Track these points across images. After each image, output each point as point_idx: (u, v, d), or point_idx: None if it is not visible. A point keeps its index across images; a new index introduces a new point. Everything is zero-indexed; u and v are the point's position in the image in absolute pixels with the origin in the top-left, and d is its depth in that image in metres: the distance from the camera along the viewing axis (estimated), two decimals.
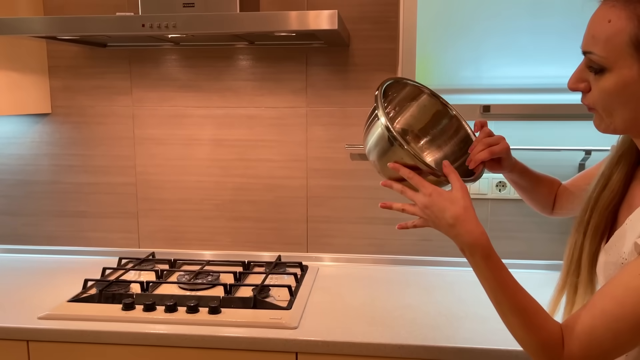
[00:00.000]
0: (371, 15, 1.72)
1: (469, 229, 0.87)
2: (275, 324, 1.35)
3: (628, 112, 0.78)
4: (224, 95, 1.82)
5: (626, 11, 0.73)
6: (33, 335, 1.36)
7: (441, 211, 0.90)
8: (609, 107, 0.79)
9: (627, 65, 0.74)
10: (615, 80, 0.76)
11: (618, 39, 0.74)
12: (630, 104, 0.77)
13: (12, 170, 1.93)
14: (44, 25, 1.40)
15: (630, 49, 0.73)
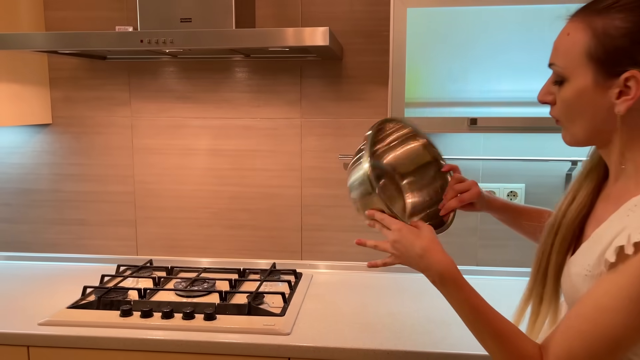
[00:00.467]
0: (363, 29, 1.77)
1: (438, 258, 0.92)
2: (268, 330, 1.39)
3: (586, 122, 0.81)
4: (220, 106, 1.87)
5: (582, 24, 0.79)
6: (33, 340, 1.40)
7: (410, 244, 0.95)
8: (570, 117, 0.83)
9: (582, 74, 0.79)
10: (572, 90, 0.80)
11: (575, 49, 0.79)
12: (587, 113, 0.81)
13: (13, 179, 1.97)
14: (46, 40, 1.45)
15: (585, 59, 0.78)
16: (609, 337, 0.75)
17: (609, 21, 0.76)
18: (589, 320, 0.76)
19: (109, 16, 1.85)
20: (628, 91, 0.76)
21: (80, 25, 1.87)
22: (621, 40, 0.75)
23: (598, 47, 0.77)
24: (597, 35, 0.77)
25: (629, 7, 0.75)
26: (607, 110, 0.79)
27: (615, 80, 0.77)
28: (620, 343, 0.75)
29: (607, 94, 0.78)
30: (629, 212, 0.77)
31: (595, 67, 0.78)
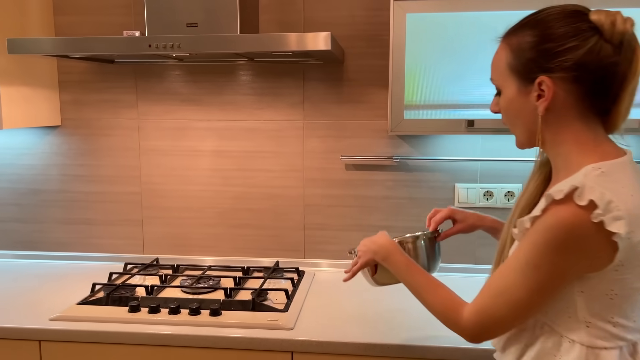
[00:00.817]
0: (364, 33, 1.82)
1: (383, 241, 1.19)
2: (272, 325, 1.44)
3: (522, 125, 0.95)
4: (224, 108, 1.92)
5: (504, 43, 0.94)
6: (45, 335, 1.45)
7: (369, 240, 1.23)
8: (510, 122, 0.98)
9: (509, 84, 0.94)
10: (505, 99, 0.95)
11: (501, 65, 0.95)
12: (520, 117, 0.95)
13: (23, 179, 2.02)
14: (57, 45, 1.50)
15: (508, 71, 0.93)
16: (510, 294, 0.89)
17: (521, 38, 0.91)
18: (498, 278, 0.91)
19: (117, 21, 1.90)
20: (543, 94, 0.89)
21: (89, 30, 1.92)
22: (530, 52, 0.89)
23: (514, 60, 0.92)
24: (513, 50, 0.92)
25: (533, 24, 0.90)
26: (533, 113, 0.92)
27: (532, 86, 0.90)
28: (520, 303, 0.88)
29: (529, 99, 0.91)
30: (537, 209, 0.88)
31: (516, 77, 0.92)
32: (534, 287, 0.87)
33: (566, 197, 0.82)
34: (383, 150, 1.87)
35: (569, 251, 0.83)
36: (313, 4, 1.82)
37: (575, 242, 0.82)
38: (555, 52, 0.86)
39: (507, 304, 0.90)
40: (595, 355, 0.89)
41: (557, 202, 0.83)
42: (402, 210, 1.89)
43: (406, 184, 1.89)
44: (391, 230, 1.89)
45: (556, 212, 0.83)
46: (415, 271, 1.09)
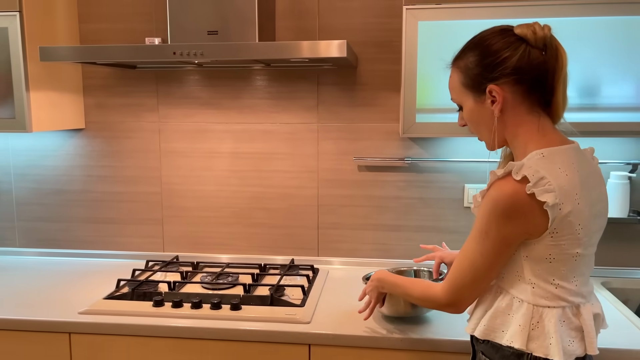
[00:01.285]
0: (377, 39, 1.89)
1: (378, 275, 1.39)
2: (290, 319, 1.51)
3: (484, 129, 1.14)
4: (242, 112, 1.99)
5: (454, 67, 1.15)
6: (74, 328, 1.53)
7: (371, 281, 1.41)
8: (475, 129, 1.16)
9: (466, 98, 1.14)
10: (466, 111, 1.15)
11: (456, 85, 1.15)
12: (481, 123, 1.13)
13: (48, 180, 2.11)
14: (85, 53, 1.58)
15: (463, 88, 1.13)
16: (470, 261, 1.07)
17: (466, 59, 1.12)
18: (461, 252, 1.10)
19: (139, 28, 1.98)
20: (495, 99, 1.08)
21: (112, 37, 2.00)
22: (476, 69, 1.09)
23: (465, 78, 1.12)
24: (462, 71, 1.12)
25: (473, 46, 1.11)
26: (491, 116, 1.10)
27: (484, 95, 1.09)
28: (479, 267, 1.07)
29: (485, 106, 1.10)
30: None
31: (470, 91, 1.12)
32: (487, 252, 1.05)
33: (506, 174, 1.02)
34: (395, 152, 1.94)
35: (510, 218, 1.01)
36: (328, 12, 1.90)
37: (514, 210, 1.01)
38: (495, 63, 1.06)
39: (469, 269, 1.08)
40: (539, 313, 1.06)
41: (500, 178, 1.03)
42: (413, 210, 1.96)
43: (417, 184, 1.95)
44: (402, 230, 1.97)
45: (498, 185, 1.03)
46: (402, 280, 1.29)
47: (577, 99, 1.57)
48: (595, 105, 1.57)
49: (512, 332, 1.06)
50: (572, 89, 1.57)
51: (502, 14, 1.54)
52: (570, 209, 1.01)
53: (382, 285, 1.36)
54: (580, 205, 1.03)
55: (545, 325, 1.05)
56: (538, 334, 1.05)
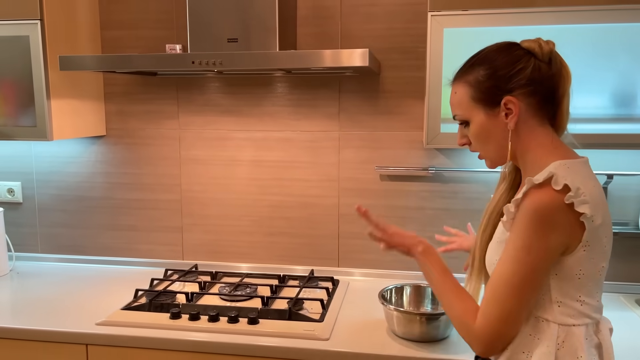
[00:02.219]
0: (400, 45, 1.83)
1: (429, 246, 1.20)
2: (308, 335, 1.47)
3: (494, 144, 1.09)
4: (262, 119, 1.96)
5: (461, 82, 1.11)
6: (92, 339, 1.52)
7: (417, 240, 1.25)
8: (483, 146, 1.12)
9: (476, 113, 1.09)
10: (475, 126, 1.10)
11: (464, 100, 1.10)
12: (491, 139, 1.09)
13: (70, 187, 2.11)
14: (104, 62, 1.57)
15: (472, 103, 1.09)
16: (509, 286, 0.99)
17: (475, 74, 1.08)
18: (497, 277, 1.01)
19: (159, 35, 1.97)
20: (511, 111, 1.05)
21: (133, 43, 1.99)
22: (488, 82, 1.06)
23: (476, 92, 1.08)
24: (472, 85, 1.08)
25: (480, 62, 1.08)
26: (503, 130, 1.07)
27: (498, 108, 1.06)
28: (522, 292, 0.98)
29: (498, 119, 1.07)
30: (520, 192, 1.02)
31: (481, 105, 1.08)
32: (530, 270, 0.98)
33: (544, 182, 0.97)
34: (418, 161, 1.88)
35: (553, 228, 0.97)
36: (350, 17, 1.85)
37: (555, 220, 0.96)
38: (510, 75, 1.04)
39: (511, 297, 0.99)
40: (565, 332, 1.01)
41: (537, 186, 0.97)
42: (437, 221, 1.90)
43: (442, 195, 1.89)
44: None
45: (536, 195, 0.97)
46: (448, 276, 1.14)
47: (611, 109, 1.50)
48: (632, 115, 1.50)
49: (539, 355, 1.01)
50: (605, 98, 1.50)
51: (530, 21, 1.48)
52: (601, 221, 1.00)
53: (425, 254, 1.17)
54: (606, 217, 1.02)
55: (573, 343, 1.01)
56: (564, 353, 1.01)
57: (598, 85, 1.50)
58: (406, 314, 1.45)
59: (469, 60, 1.12)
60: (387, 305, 1.48)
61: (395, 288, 1.62)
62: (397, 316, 1.45)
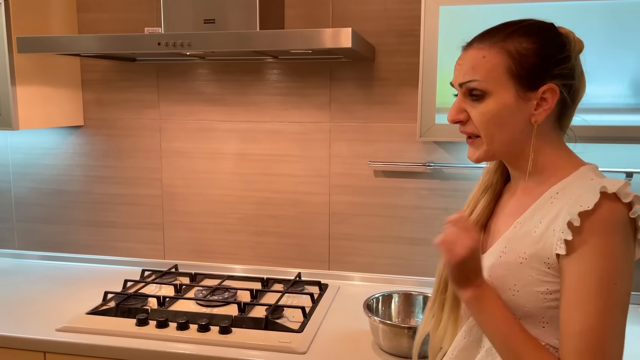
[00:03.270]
0: (396, 28, 1.66)
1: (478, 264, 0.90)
2: (283, 347, 1.32)
3: (507, 133, 0.88)
4: (248, 109, 1.81)
5: (496, 48, 0.87)
6: (49, 347, 1.39)
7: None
8: (490, 130, 0.89)
9: (505, 89, 0.87)
10: (496, 104, 0.87)
11: (497, 69, 0.87)
12: (508, 125, 0.88)
13: (48, 180, 2.00)
14: (63, 44, 1.43)
15: (506, 76, 0.86)
16: (605, 326, 0.78)
17: (518, 44, 0.86)
18: (578, 320, 0.79)
19: (140, 17, 1.83)
20: (544, 102, 0.86)
21: (112, 27, 1.86)
22: (534, 58, 0.86)
23: (517, 65, 0.86)
24: (513, 56, 0.86)
25: (527, 31, 0.87)
26: (524, 121, 0.88)
27: (533, 93, 0.86)
28: (621, 325, 0.79)
29: (527, 106, 0.87)
30: (552, 199, 0.87)
31: (516, 83, 0.86)
32: (623, 300, 0.80)
33: (614, 193, 0.79)
34: (416, 155, 1.71)
35: (629, 245, 0.81)
36: None
37: (628, 236, 0.81)
38: (557, 59, 0.87)
39: (611, 337, 0.79)
40: None
41: (609, 198, 0.79)
42: (436, 221, 1.73)
43: (441, 193, 1.72)
44: (423, 244, 1.75)
45: (612, 210, 0.79)
46: (512, 321, 0.86)
47: (630, 98, 1.31)
48: None
49: None
50: (623, 85, 1.31)
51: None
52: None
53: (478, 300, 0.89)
54: None
55: None
56: None
57: (615, 71, 1.31)
58: (392, 327, 1.29)
59: (504, 26, 0.90)
60: (371, 317, 1.32)
61: (383, 297, 1.47)
62: (383, 329, 1.29)
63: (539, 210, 0.88)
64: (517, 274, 0.87)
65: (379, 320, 1.30)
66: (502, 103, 0.87)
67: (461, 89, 0.91)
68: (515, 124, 0.88)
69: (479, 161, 0.93)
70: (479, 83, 0.88)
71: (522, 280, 0.86)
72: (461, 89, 0.91)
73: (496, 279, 0.90)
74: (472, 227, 0.91)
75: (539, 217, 0.87)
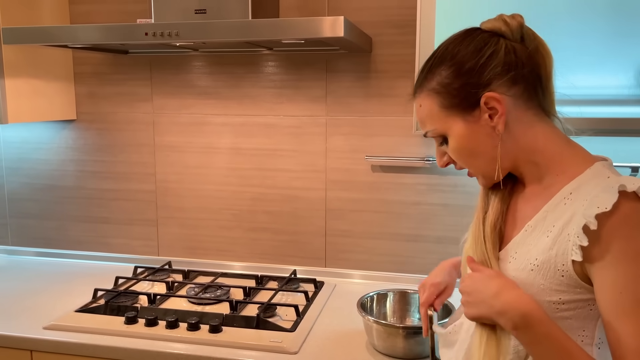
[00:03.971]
0: (394, 19, 1.61)
1: (517, 295, 0.79)
2: (274, 347, 1.28)
3: (483, 158, 0.86)
4: (242, 102, 1.77)
5: (424, 92, 0.88)
6: (36, 345, 1.36)
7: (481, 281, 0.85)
8: (470, 160, 0.88)
9: (453, 123, 0.86)
10: (455, 139, 0.86)
11: (433, 112, 0.87)
12: (478, 150, 0.86)
13: (40, 175, 1.96)
14: (48, 35, 1.39)
15: (445, 112, 0.86)
16: None
17: (438, 76, 0.86)
18: (631, 339, 0.72)
19: (132, 9, 1.79)
20: (494, 111, 0.83)
21: (104, 19, 1.82)
22: (457, 81, 0.84)
23: (446, 98, 0.85)
24: (437, 92, 0.86)
25: (438, 62, 0.86)
26: (490, 137, 0.84)
27: (478, 109, 0.84)
28: None
29: (481, 123, 0.84)
30: (565, 200, 0.81)
31: (456, 112, 0.85)
32: None
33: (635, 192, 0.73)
34: (414, 150, 1.67)
35: None
36: None
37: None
38: (480, 65, 0.83)
39: None
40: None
41: (628, 198, 0.73)
42: (435, 218, 1.69)
43: (440, 188, 1.67)
44: (422, 241, 1.70)
45: (632, 209, 0.73)
46: (568, 341, 0.77)
47: (637, 89, 1.26)
48: None
49: None
50: (629, 74, 1.26)
51: None
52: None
53: (525, 322, 0.77)
54: None
55: None
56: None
57: (620, 61, 1.25)
58: (387, 326, 1.24)
59: (425, 64, 0.90)
60: (365, 316, 1.27)
61: (378, 295, 1.42)
62: (377, 329, 1.25)
63: (551, 213, 0.82)
64: (526, 282, 0.80)
65: (373, 320, 1.25)
66: (459, 135, 0.86)
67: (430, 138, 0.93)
68: (484, 145, 0.85)
69: (489, 187, 0.92)
70: (432, 131, 0.89)
71: (532, 289, 0.79)
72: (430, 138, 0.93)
73: None
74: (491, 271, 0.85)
75: (552, 219, 0.81)
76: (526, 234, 0.84)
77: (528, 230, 0.84)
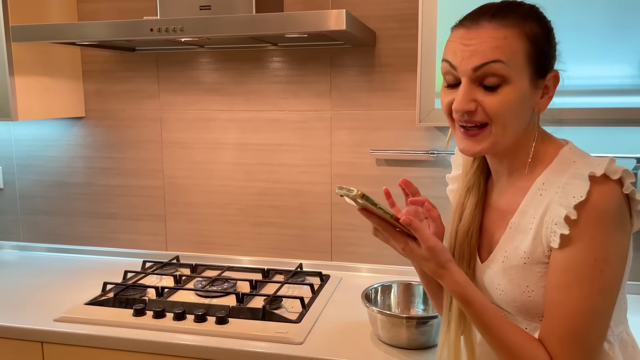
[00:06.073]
0: (398, 13, 1.62)
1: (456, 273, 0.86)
2: (280, 338, 1.30)
3: (518, 124, 0.83)
4: (248, 98, 1.79)
5: (516, 28, 0.79)
6: (47, 337, 1.39)
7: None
8: (506, 119, 0.81)
9: (523, 76, 0.80)
10: (516, 91, 0.80)
11: (519, 53, 0.79)
12: (522, 115, 0.83)
13: (50, 171, 2.00)
14: (56, 31, 1.42)
15: (525, 61, 0.80)
16: (587, 313, 0.77)
17: (532, 26, 0.80)
18: (561, 306, 0.78)
19: (139, 6, 1.82)
20: (548, 90, 0.83)
21: (112, 16, 1.85)
22: (545, 44, 0.81)
23: (534, 50, 0.80)
24: (531, 40, 0.80)
25: (537, 14, 0.82)
26: (530, 110, 0.84)
27: (542, 81, 0.82)
28: (604, 316, 0.78)
29: (535, 95, 0.83)
30: (540, 191, 0.83)
31: (531, 69, 0.80)
32: (610, 286, 0.78)
33: (603, 174, 0.76)
34: (419, 143, 1.67)
35: (624, 228, 0.78)
36: None
37: (624, 217, 0.78)
38: (555, 43, 0.84)
39: (593, 324, 0.77)
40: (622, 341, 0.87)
41: (599, 182, 0.76)
42: (440, 211, 1.68)
43: (445, 181, 1.66)
44: None
45: (601, 191, 0.76)
46: (489, 306, 0.84)
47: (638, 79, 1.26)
48: None
49: None
50: (633, 63, 1.26)
51: None
52: None
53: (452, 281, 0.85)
54: None
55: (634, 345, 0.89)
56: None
57: (622, 50, 1.25)
58: (391, 317, 1.25)
59: (512, 5, 0.82)
60: (369, 307, 1.29)
61: (382, 287, 1.43)
62: (381, 319, 1.26)
63: (530, 206, 0.85)
64: (525, 275, 0.85)
65: (377, 310, 1.26)
66: (520, 91, 0.79)
67: (473, 74, 0.79)
68: (526, 114, 0.83)
69: (480, 154, 0.87)
70: (504, 66, 0.78)
71: (532, 279, 0.84)
72: (473, 74, 0.79)
73: (507, 285, 0.88)
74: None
75: (532, 212, 0.84)
76: (511, 231, 0.87)
77: (512, 227, 0.87)
